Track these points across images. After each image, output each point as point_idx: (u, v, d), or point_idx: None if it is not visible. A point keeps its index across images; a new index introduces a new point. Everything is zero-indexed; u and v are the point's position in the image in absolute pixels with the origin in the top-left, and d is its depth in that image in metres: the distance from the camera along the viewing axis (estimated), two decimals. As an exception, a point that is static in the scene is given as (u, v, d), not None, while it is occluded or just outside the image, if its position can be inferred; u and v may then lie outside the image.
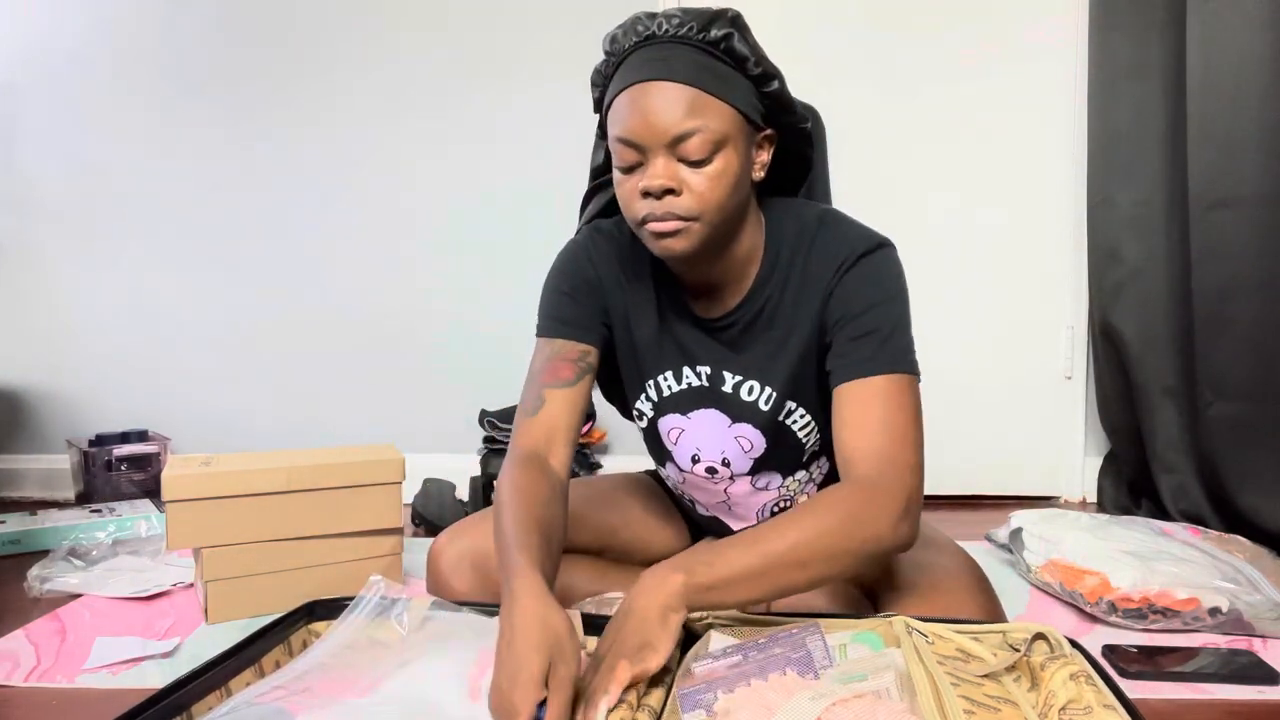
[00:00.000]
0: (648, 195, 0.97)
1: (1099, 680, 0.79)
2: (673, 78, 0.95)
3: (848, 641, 0.88)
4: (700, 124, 0.95)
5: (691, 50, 0.97)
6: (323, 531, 1.47)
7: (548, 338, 1.15)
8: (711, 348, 1.14)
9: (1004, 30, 2.22)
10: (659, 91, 0.95)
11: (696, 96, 0.95)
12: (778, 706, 0.73)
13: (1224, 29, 1.71)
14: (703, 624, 0.94)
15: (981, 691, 0.78)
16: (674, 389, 1.17)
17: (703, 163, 0.96)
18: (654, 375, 1.18)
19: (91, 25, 2.44)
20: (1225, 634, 1.31)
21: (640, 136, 0.96)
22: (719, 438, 1.17)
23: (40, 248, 2.50)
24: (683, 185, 0.97)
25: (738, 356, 1.13)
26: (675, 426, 1.19)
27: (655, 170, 0.96)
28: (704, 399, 1.16)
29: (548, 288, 1.18)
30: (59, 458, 2.46)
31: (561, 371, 1.11)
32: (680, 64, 0.96)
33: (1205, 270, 1.77)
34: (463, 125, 2.37)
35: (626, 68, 0.99)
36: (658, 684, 0.83)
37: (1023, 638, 0.87)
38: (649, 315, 1.16)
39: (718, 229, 1.01)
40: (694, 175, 0.97)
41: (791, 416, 1.14)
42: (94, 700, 1.15)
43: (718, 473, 1.20)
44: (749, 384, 1.13)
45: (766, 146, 1.06)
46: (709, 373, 1.15)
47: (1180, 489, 1.92)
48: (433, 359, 2.43)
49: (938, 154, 2.25)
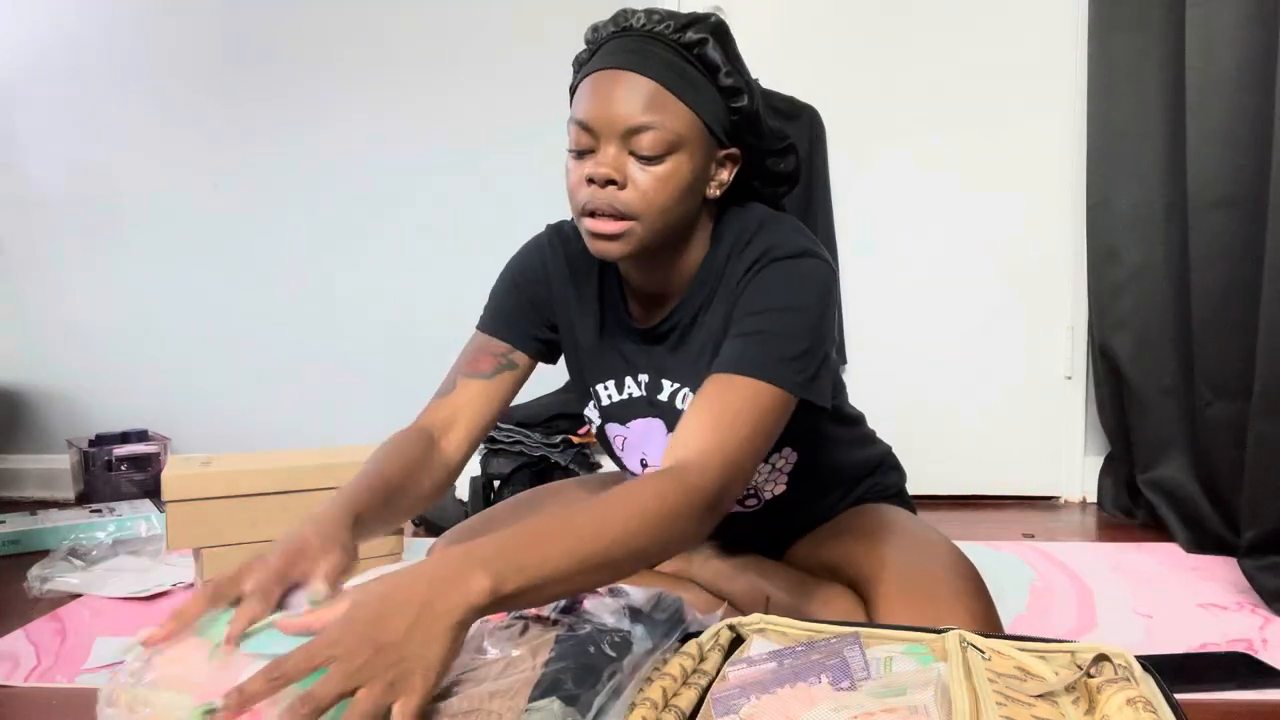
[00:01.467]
0: (591, 183, 0.94)
1: (1162, 706, 0.76)
2: (637, 70, 0.94)
3: (896, 654, 0.85)
4: (657, 119, 0.93)
5: (665, 48, 0.96)
6: (322, 531, 1.47)
7: (481, 330, 1.16)
8: (649, 356, 1.11)
9: (1004, 30, 2.22)
10: (622, 80, 0.94)
11: (658, 92, 0.94)
12: (799, 716, 0.71)
13: (1223, 29, 1.71)
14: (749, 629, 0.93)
15: (1030, 713, 0.74)
16: (614, 398, 1.15)
17: (653, 160, 0.94)
18: (596, 383, 1.16)
19: (92, 25, 2.44)
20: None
21: (595, 121, 0.94)
22: (661, 445, 1.13)
23: (40, 248, 2.50)
24: (628, 180, 0.94)
25: (673, 365, 1.10)
26: (618, 434, 1.18)
27: (604, 158, 0.94)
28: (643, 409, 1.14)
29: (499, 279, 1.18)
30: (59, 458, 2.46)
31: (481, 364, 1.12)
32: (650, 59, 0.95)
33: (1205, 270, 1.77)
34: (464, 125, 2.37)
35: (599, 56, 0.98)
36: (689, 685, 0.82)
37: (1089, 657, 0.84)
38: (592, 321, 1.14)
39: (658, 234, 0.98)
40: (641, 172, 0.94)
41: None
42: (94, 700, 1.15)
43: None
44: (683, 391, 1.09)
45: (729, 166, 1.03)
46: (647, 381, 1.12)
47: (1180, 489, 1.91)
48: (433, 359, 2.42)
49: (938, 154, 2.25)
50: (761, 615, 0.92)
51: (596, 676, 0.80)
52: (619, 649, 0.85)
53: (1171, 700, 0.77)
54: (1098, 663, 0.81)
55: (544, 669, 0.80)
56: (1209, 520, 1.82)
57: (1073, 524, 2.10)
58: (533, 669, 0.81)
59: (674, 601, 1.00)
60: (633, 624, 0.90)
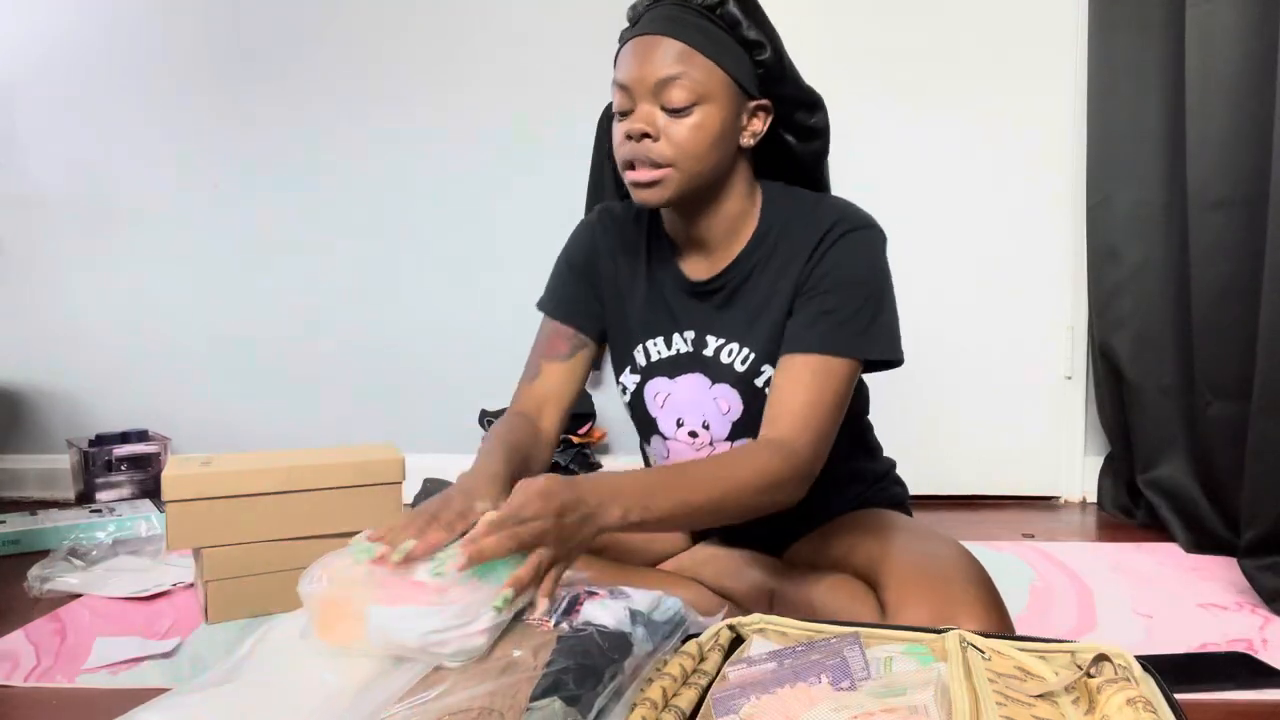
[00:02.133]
0: (629, 138, 1.05)
1: (1162, 706, 0.76)
2: (665, 33, 1.04)
3: (895, 654, 0.85)
4: (682, 72, 1.03)
5: (690, 13, 1.06)
6: (323, 531, 1.47)
7: (547, 314, 1.26)
8: (698, 311, 1.18)
9: (1004, 30, 2.22)
10: (652, 43, 1.04)
11: (684, 50, 1.04)
12: (799, 716, 0.71)
13: (1222, 29, 1.71)
14: (749, 629, 0.93)
15: (1030, 713, 0.74)
16: (663, 354, 1.21)
17: (682, 112, 1.04)
18: (643, 340, 1.22)
19: (92, 25, 2.44)
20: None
21: (630, 81, 1.05)
22: (700, 400, 1.20)
23: (40, 248, 2.50)
24: (660, 132, 1.04)
25: (721, 320, 1.17)
26: (661, 391, 1.22)
27: (638, 114, 1.05)
28: (689, 363, 1.20)
29: (556, 263, 1.28)
30: (59, 458, 2.47)
31: (559, 347, 1.23)
32: (676, 23, 1.05)
33: (1205, 270, 1.77)
34: (464, 126, 2.37)
35: (635, 27, 1.09)
36: (689, 685, 0.82)
37: (1090, 657, 0.84)
38: (641, 283, 1.22)
39: (695, 179, 1.07)
40: (673, 124, 1.04)
41: (764, 378, 1.16)
42: (94, 700, 1.16)
43: (699, 436, 1.22)
44: (730, 346, 1.17)
45: (761, 116, 1.11)
46: (694, 337, 1.19)
47: (1180, 489, 1.92)
48: (433, 359, 2.43)
49: (937, 153, 2.25)
50: (761, 615, 0.92)
51: (598, 677, 0.80)
52: (620, 650, 0.85)
53: (1171, 700, 0.77)
54: (1098, 663, 0.81)
55: (545, 669, 0.80)
56: (1209, 520, 1.82)
57: (1073, 524, 2.10)
58: (534, 669, 0.81)
59: (675, 603, 1.00)
60: (634, 626, 0.90)
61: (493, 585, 0.86)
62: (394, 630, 0.83)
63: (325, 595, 0.88)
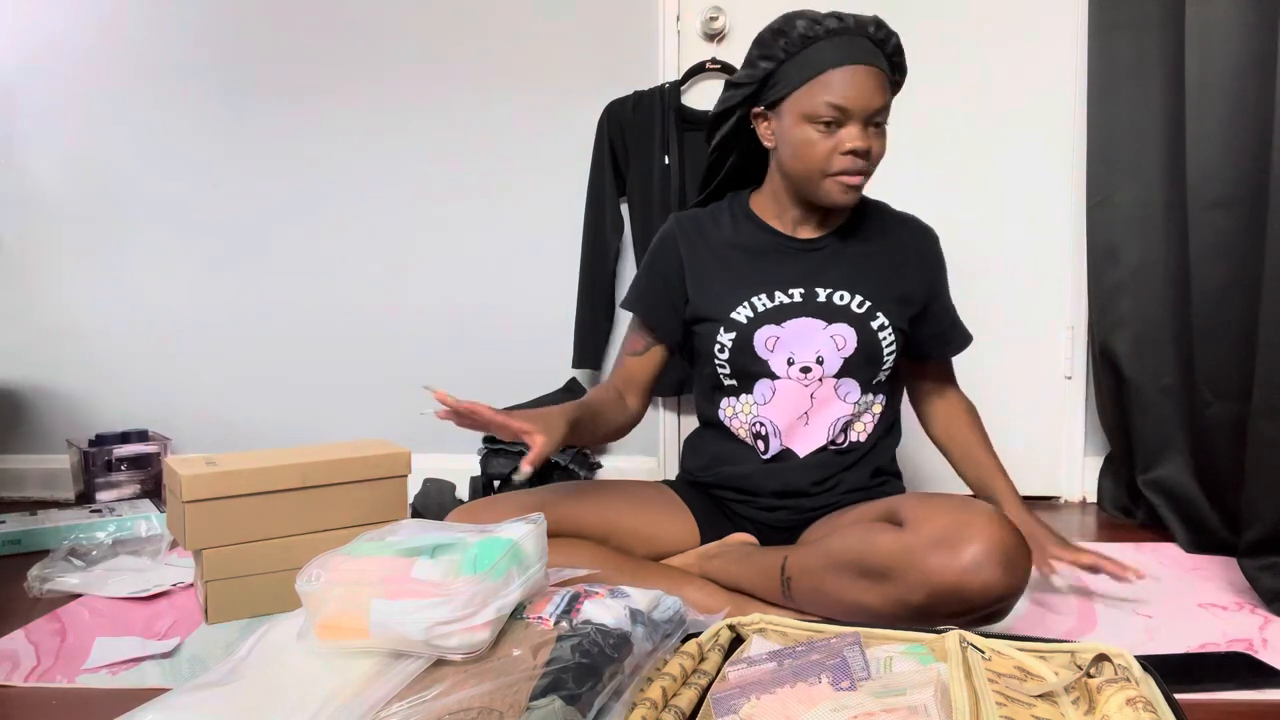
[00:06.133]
0: (851, 154, 1.27)
1: (1162, 706, 0.76)
2: (877, 64, 1.28)
3: (895, 654, 0.86)
4: (888, 100, 1.30)
5: (877, 44, 1.30)
6: (334, 525, 1.50)
7: (630, 310, 1.50)
8: (806, 264, 1.39)
9: (1003, 30, 2.22)
10: (871, 75, 1.27)
11: (885, 81, 1.29)
12: (799, 716, 0.71)
13: (1223, 29, 1.71)
14: (749, 629, 0.93)
15: (1030, 713, 0.75)
16: (769, 305, 1.37)
17: (881, 130, 1.31)
18: (750, 295, 1.38)
19: (92, 25, 2.44)
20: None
21: (853, 105, 1.26)
22: (814, 338, 1.36)
23: (40, 248, 2.50)
24: (870, 147, 1.29)
25: (828, 272, 1.38)
26: (771, 335, 1.36)
27: (861, 134, 1.27)
28: (798, 310, 1.37)
29: (640, 268, 1.51)
30: (59, 458, 2.46)
31: (636, 344, 1.48)
32: (877, 56, 1.28)
33: (1205, 270, 1.77)
34: (466, 126, 2.37)
35: (829, 49, 1.26)
36: (689, 685, 0.82)
37: (1090, 657, 0.83)
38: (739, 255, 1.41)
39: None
40: (875, 140, 1.30)
41: (878, 321, 1.37)
42: (94, 700, 1.15)
43: (811, 371, 1.36)
44: (840, 292, 1.37)
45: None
46: (803, 291, 1.37)
47: (1180, 489, 1.91)
48: (432, 359, 2.43)
49: (937, 153, 2.25)
50: (762, 615, 0.92)
51: (597, 676, 0.80)
52: (620, 649, 0.85)
53: (1171, 700, 0.77)
54: (1098, 663, 0.81)
55: (545, 668, 0.80)
56: (1209, 520, 1.82)
57: (1073, 524, 2.10)
58: (534, 668, 0.81)
59: (674, 603, 1.00)
60: (633, 625, 0.90)
61: (494, 581, 0.86)
62: (397, 623, 0.83)
63: (326, 591, 0.88)
